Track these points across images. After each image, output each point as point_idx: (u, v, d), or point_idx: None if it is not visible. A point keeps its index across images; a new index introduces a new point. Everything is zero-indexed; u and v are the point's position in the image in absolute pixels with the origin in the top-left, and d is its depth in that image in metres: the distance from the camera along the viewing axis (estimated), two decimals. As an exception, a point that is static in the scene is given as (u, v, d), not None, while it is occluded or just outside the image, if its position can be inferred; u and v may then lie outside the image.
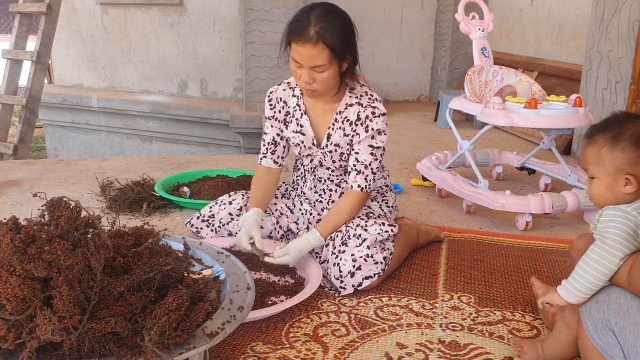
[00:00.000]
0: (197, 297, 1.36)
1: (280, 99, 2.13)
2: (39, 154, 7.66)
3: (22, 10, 5.12)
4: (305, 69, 1.90)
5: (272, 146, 2.18)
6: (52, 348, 1.18)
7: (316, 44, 1.85)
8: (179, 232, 2.40)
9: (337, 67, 1.93)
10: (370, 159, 2.03)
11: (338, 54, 1.89)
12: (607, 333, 1.32)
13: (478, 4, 3.10)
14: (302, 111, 2.09)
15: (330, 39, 1.86)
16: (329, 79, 1.93)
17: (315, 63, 1.88)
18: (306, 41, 1.85)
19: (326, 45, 1.85)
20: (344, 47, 1.90)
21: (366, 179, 2.04)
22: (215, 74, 5.97)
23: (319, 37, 1.84)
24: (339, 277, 1.92)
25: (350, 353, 1.61)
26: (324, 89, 1.96)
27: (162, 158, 3.92)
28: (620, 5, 3.35)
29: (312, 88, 1.94)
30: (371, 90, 2.08)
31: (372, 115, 2.00)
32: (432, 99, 6.05)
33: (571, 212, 2.58)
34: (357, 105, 2.02)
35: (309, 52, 1.86)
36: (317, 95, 2.00)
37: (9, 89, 5.15)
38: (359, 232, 1.96)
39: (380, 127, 2.01)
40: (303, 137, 2.11)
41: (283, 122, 2.14)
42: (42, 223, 1.31)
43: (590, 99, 3.60)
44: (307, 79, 1.91)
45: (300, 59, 1.89)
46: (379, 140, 2.03)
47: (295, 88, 2.12)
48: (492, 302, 1.92)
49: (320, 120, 2.09)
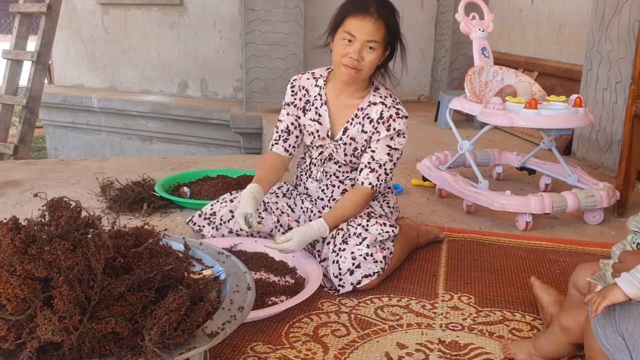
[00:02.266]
0: (197, 297, 1.36)
1: (303, 87, 2.15)
2: (39, 154, 7.66)
3: (22, 10, 5.12)
4: (357, 44, 1.93)
5: (285, 134, 2.19)
6: (52, 348, 1.18)
7: (377, 20, 1.92)
8: (179, 232, 2.40)
9: (382, 53, 1.98)
10: (386, 159, 2.05)
11: (389, 39, 1.96)
12: (617, 337, 1.30)
13: (478, 4, 3.10)
14: (323, 101, 2.11)
15: (389, 21, 1.94)
16: (374, 62, 1.97)
17: (372, 37, 1.92)
18: (367, 14, 1.91)
19: (384, 22, 1.93)
20: (395, 34, 1.98)
21: (378, 177, 2.05)
22: (215, 74, 5.97)
23: (379, 15, 1.92)
24: (338, 274, 1.92)
25: (350, 353, 1.61)
26: (367, 72, 1.99)
27: (162, 158, 3.92)
28: (620, 5, 3.35)
29: (358, 66, 1.95)
30: (394, 95, 2.10)
31: (396, 116, 2.03)
32: (432, 99, 6.05)
33: (571, 212, 2.58)
34: (381, 104, 2.05)
35: (368, 26, 1.91)
36: (356, 79, 2.01)
37: (9, 89, 5.15)
38: (359, 231, 1.96)
39: (401, 129, 2.04)
40: (319, 127, 2.12)
41: (302, 109, 2.15)
42: (42, 223, 1.31)
43: (590, 99, 3.60)
44: (356, 55, 1.93)
45: (356, 31, 1.92)
46: (397, 141, 2.05)
47: (318, 78, 2.14)
48: (492, 302, 1.92)
49: (339, 113, 2.11)
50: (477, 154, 3.19)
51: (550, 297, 1.77)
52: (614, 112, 3.44)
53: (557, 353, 1.52)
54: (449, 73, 5.78)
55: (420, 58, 6.05)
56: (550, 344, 1.52)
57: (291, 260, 2.09)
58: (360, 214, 2.06)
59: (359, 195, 2.07)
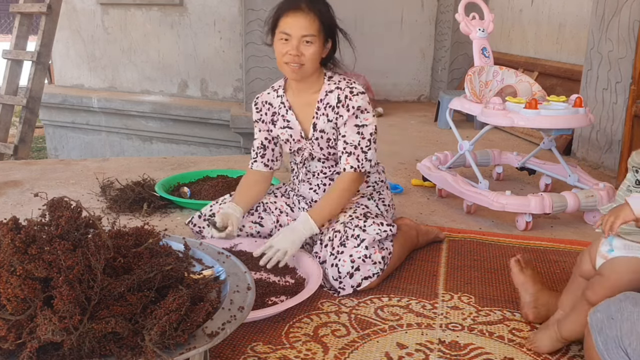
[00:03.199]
0: (197, 297, 1.36)
1: (265, 102, 2.19)
2: (39, 154, 7.66)
3: (22, 10, 5.12)
4: (293, 41, 1.96)
5: (261, 150, 2.23)
6: (52, 348, 1.18)
7: (308, 13, 1.95)
8: (179, 232, 2.40)
9: (322, 45, 2.00)
10: (358, 138, 2.05)
11: (325, 29, 1.99)
12: (619, 352, 1.28)
13: (478, 4, 3.10)
14: (287, 107, 2.14)
15: (320, 11, 1.97)
16: (315, 55, 1.98)
17: (307, 31, 1.95)
18: (297, 10, 1.95)
19: (316, 15, 1.96)
20: (330, 25, 2.00)
21: (357, 158, 2.05)
22: (215, 74, 5.97)
23: (309, 7, 1.95)
24: (337, 277, 1.92)
25: (350, 353, 1.61)
26: (310, 66, 2.00)
27: (162, 158, 3.92)
28: (620, 5, 3.35)
29: (299, 61, 1.98)
30: (349, 76, 2.11)
31: (351, 94, 2.04)
32: (432, 99, 6.05)
33: (571, 212, 2.58)
34: (337, 89, 2.06)
35: (300, 21, 1.94)
36: (302, 74, 2.02)
37: (9, 89, 5.15)
38: (357, 233, 1.96)
39: (360, 105, 2.03)
40: (291, 131, 2.15)
41: (270, 122, 2.19)
42: (42, 223, 1.31)
43: (590, 99, 3.60)
44: (295, 51, 1.96)
45: (290, 29, 1.95)
46: (363, 118, 2.04)
47: (278, 89, 2.18)
48: (492, 302, 1.92)
49: (304, 113, 2.13)
50: (477, 154, 3.19)
51: (527, 295, 1.78)
52: (614, 112, 3.44)
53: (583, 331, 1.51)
54: (449, 73, 5.78)
55: (420, 58, 6.05)
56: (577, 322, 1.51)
57: (291, 260, 2.09)
58: (357, 215, 2.05)
59: (344, 181, 2.07)
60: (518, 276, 1.80)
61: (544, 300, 1.76)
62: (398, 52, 5.96)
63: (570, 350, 1.62)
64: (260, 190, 2.24)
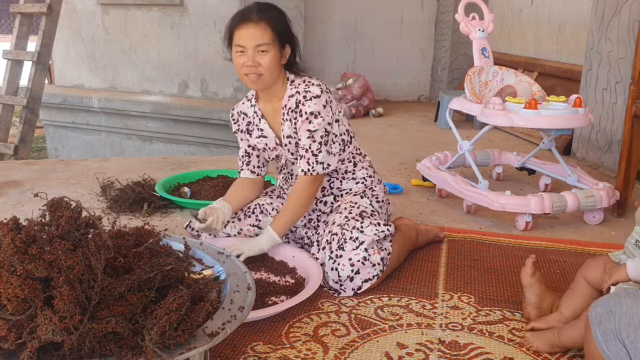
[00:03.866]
0: (197, 297, 1.36)
1: (241, 112, 2.22)
2: (39, 154, 7.66)
3: (23, 11, 5.12)
4: (248, 52, 1.97)
5: (246, 157, 2.25)
6: (52, 348, 1.18)
7: (258, 23, 1.96)
8: (179, 232, 2.40)
9: (279, 51, 2.01)
10: (309, 142, 2.05)
11: (279, 36, 1.99)
12: (617, 344, 1.30)
13: (478, 4, 3.10)
14: (259, 116, 2.16)
15: (271, 19, 1.98)
16: (273, 63, 1.99)
17: (260, 41, 1.96)
18: (249, 22, 1.97)
19: (268, 24, 1.97)
20: (283, 29, 2.01)
21: (308, 161, 2.06)
22: (216, 74, 5.97)
23: (260, 17, 1.97)
24: (338, 280, 1.92)
25: (350, 353, 1.61)
26: (269, 75, 2.01)
27: (162, 158, 3.92)
28: (620, 5, 3.36)
29: (257, 71, 1.99)
30: (311, 78, 2.11)
31: (304, 99, 2.04)
32: (432, 99, 6.05)
33: (571, 212, 2.58)
34: (296, 94, 2.07)
35: (252, 31, 1.96)
36: (263, 84, 2.04)
37: (10, 89, 5.15)
38: (355, 235, 1.95)
39: (313, 109, 2.02)
40: (265, 140, 2.18)
41: (246, 131, 2.21)
42: (42, 223, 1.31)
43: (590, 99, 3.60)
44: (251, 62, 1.98)
45: (244, 41, 1.97)
46: (315, 123, 2.04)
47: (251, 99, 2.19)
48: (491, 302, 1.92)
49: (275, 120, 2.15)
50: (477, 154, 3.19)
51: (533, 296, 1.78)
52: (614, 112, 3.44)
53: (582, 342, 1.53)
54: (449, 73, 5.78)
55: (420, 58, 6.05)
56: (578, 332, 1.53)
57: (291, 260, 2.09)
58: (353, 216, 2.04)
59: (297, 186, 2.09)
60: (528, 277, 1.80)
61: (548, 303, 1.77)
62: (398, 52, 5.96)
63: (570, 350, 1.62)
64: (251, 192, 2.26)
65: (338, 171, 2.19)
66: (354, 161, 2.23)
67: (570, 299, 1.67)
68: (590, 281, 1.63)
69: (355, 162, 2.23)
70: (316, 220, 2.22)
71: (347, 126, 2.19)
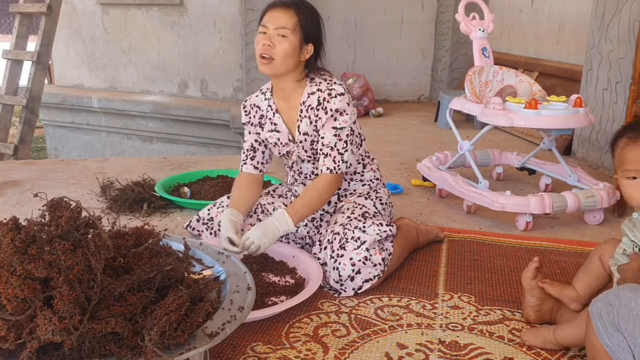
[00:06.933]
0: (197, 297, 1.36)
1: (254, 105, 2.20)
2: (39, 154, 7.65)
3: (23, 10, 5.12)
4: (268, 33, 1.98)
5: (251, 152, 2.23)
6: (52, 348, 1.18)
7: (288, 9, 1.99)
8: (179, 232, 2.40)
9: (299, 44, 2.00)
10: (335, 140, 2.04)
11: (304, 30, 1.99)
12: (618, 336, 1.32)
13: (478, 4, 3.10)
14: (274, 110, 2.14)
15: (301, 11, 2.00)
16: (287, 51, 1.98)
17: (281, 24, 1.97)
18: (279, 6, 2.00)
19: (296, 14, 1.98)
20: (311, 27, 2.01)
21: (334, 160, 2.05)
22: (215, 74, 5.97)
23: (290, 5, 1.99)
24: (339, 280, 1.92)
25: (350, 353, 1.61)
26: (281, 62, 1.99)
27: (162, 158, 3.92)
28: (620, 5, 3.35)
29: (270, 53, 1.98)
30: (332, 77, 2.11)
31: (329, 96, 2.03)
32: (432, 99, 6.05)
33: (571, 212, 2.58)
34: (318, 91, 2.06)
35: (278, 14, 1.98)
36: (273, 70, 2.02)
37: (9, 89, 5.15)
38: (357, 235, 1.95)
39: (339, 107, 2.02)
40: (278, 134, 2.16)
41: (258, 125, 2.20)
42: (42, 223, 1.31)
43: (590, 99, 3.60)
44: (268, 42, 1.97)
45: (268, 22, 1.99)
46: (342, 120, 2.03)
47: (265, 92, 2.18)
48: (492, 302, 1.92)
49: (290, 116, 2.13)
50: (477, 154, 3.19)
51: (533, 299, 1.78)
52: (614, 112, 3.44)
53: (578, 342, 1.55)
54: (449, 73, 5.78)
55: (420, 58, 6.05)
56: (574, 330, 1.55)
57: (291, 260, 2.09)
58: (356, 216, 2.04)
59: (320, 183, 2.07)
60: (529, 280, 1.80)
61: (548, 306, 1.77)
62: (398, 52, 5.96)
63: (571, 350, 1.62)
64: (254, 193, 2.23)
65: (347, 172, 2.19)
66: (363, 163, 2.24)
67: (584, 279, 1.70)
68: (604, 262, 1.65)
69: (365, 164, 2.24)
70: (319, 219, 2.22)
71: (359, 128, 2.19)
